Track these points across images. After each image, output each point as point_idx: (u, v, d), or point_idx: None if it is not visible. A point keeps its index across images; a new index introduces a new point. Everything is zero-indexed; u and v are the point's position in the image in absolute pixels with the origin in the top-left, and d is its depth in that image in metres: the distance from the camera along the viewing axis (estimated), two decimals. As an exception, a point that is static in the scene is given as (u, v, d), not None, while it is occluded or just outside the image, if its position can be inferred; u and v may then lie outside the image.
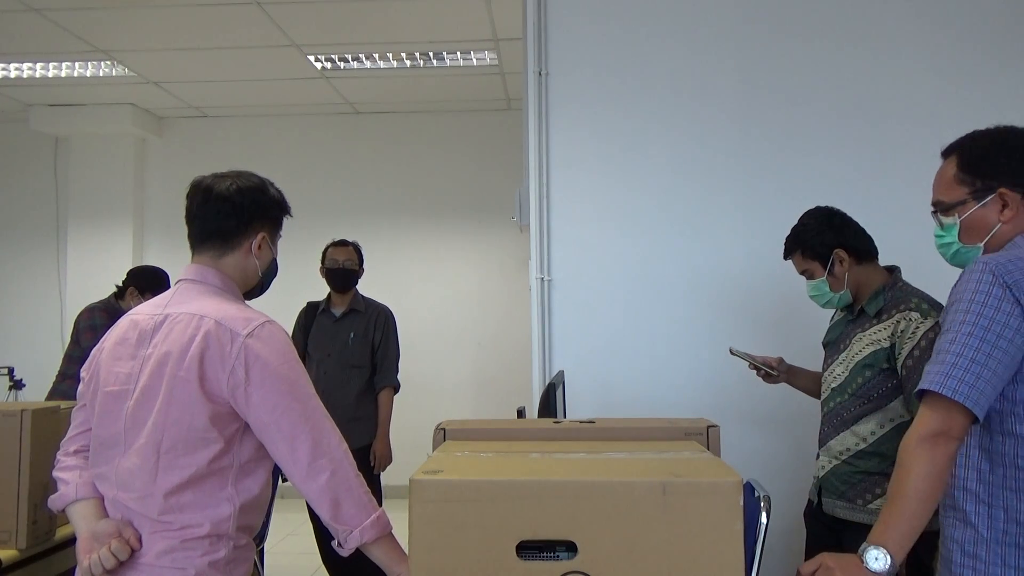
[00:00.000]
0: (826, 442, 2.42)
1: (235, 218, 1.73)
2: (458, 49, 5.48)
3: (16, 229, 7.02)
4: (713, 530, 1.19)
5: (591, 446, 1.51)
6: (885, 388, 2.28)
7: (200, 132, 6.99)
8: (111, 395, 1.66)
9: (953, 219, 1.65)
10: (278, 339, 1.66)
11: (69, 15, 4.86)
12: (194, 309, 1.66)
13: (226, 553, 1.61)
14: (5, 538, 2.18)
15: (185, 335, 1.62)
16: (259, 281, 1.83)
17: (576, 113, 3.20)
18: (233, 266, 1.76)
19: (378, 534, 1.62)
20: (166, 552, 1.58)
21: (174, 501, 1.59)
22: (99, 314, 3.99)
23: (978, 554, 1.48)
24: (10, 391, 5.42)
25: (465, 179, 6.77)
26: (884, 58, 3.15)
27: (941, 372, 1.44)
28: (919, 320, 2.22)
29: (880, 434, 2.29)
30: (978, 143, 1.65)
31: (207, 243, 1.75)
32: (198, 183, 1.76)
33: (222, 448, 1.61)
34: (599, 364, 3.13)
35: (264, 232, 1.78)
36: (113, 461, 1.64)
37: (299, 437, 1.60)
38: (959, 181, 1.64)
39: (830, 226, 2.42)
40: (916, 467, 1.43)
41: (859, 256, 2.40)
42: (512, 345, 6.19)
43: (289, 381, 1.63)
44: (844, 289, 2.41)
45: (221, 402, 1.61)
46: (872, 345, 2.30)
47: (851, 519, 2.32)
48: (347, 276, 3.88)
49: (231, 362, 1.59)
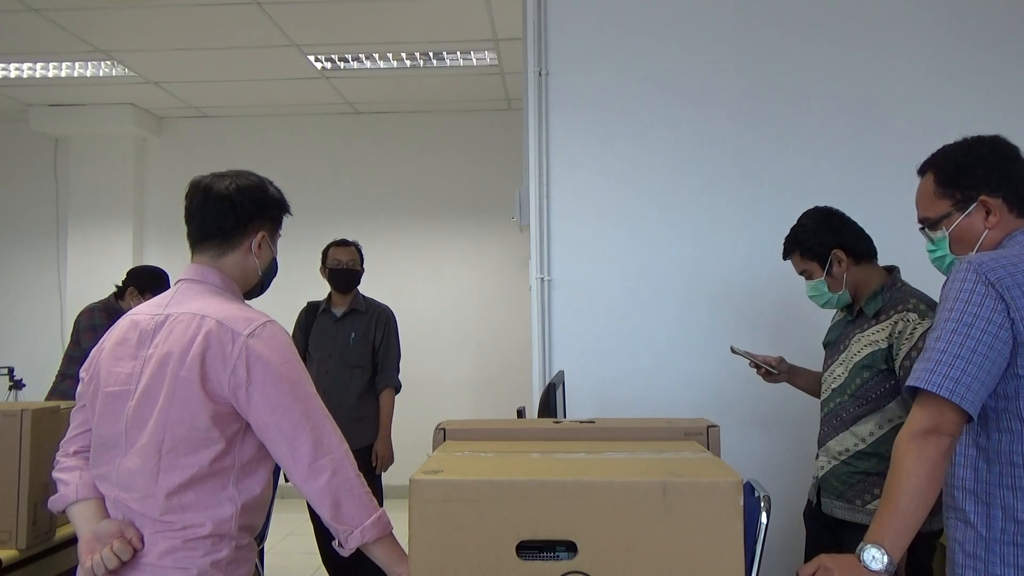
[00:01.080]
0: (825, 442, 2.42)
1: (234, 217, 1.73)
2: (458, 49, 5.48)
3: (16, 229, 7.02)
4: (713, 530, 1.19)
5: (591, 446, 1.51)
6: (883, 389, 2.29)
7: (200, 132, 6.99)
8: (112, 395, 1.66)
9: (942, 232, 1.70)
10: (279, 339, 1.66)
11: (69, 15, 4.86)
12: (195, 309, 1.66)
13: (228, 553, 1.61)
14: (5, 538, 2.18)
15: (186, 335, 1.62)
16: (259, 280, 1.82)
17: (576, 113, 3.20)
18: (233, 265, 1.76)
19: (379, 534, 1.62)
20: (168, 552, 1.58)
21: (175, 501, 1.59)
22: (99, 314, 3.99)
23: (978, 554, 1.48)
24: (10, 391, 5.42)
25: (465, 179, 6.77)
26: (884, 58, 3.15)
27: (926, 369, 1.46)
28: (917, 321, 2.22)
29: (879, 435, 2.29)
30: (950, 157, 1.70)
31: (206, 242, 1.75)
32: (197, 183, 1.76)
33: (223, 448, 1.61)
34: (599, 364, 3.13)
35: (264, 231, 1.78)
36: (114, 461, 1.64)
37: (300, 437, 1.60)
38: (940, 195, 1.69)
39: (828, 227, 2.42)
40: (907, 463, 1.45)
41: (858, 256, 2.40)
42: (512, 345, 6.19)
43: (290, 381, 1.63)
44: (843, 289, 2.41)
45: (222, 402, 1.61)
46: (870, 346, 2.30)
47: (850, 519, 2.32)
48: (350, 276, 3.87)
49: (232, 362, 1.59)
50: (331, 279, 3.88)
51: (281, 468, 1.67)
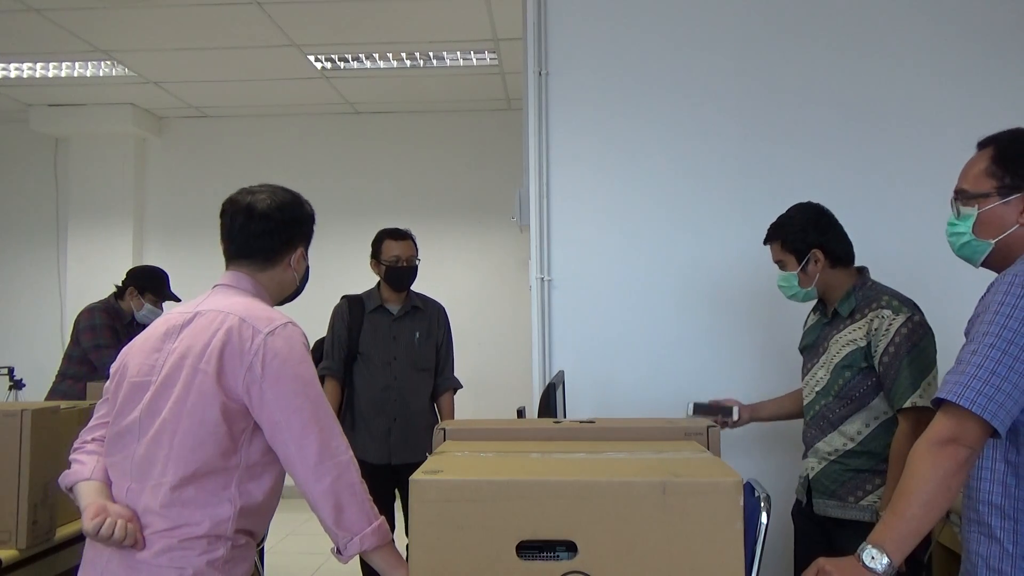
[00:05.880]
0: (814, 444, 2.45)
1: (277, 239, 1.81)
2: (458, 49, 5.48)
3: (16, 229, 7.02)
4: (713, 530, 1.19)
5: (591, 446, 1.51)
6: (866, 387, 2.32)
7: (200, 132, 6.99)
8: (134, 385, 1.69)
9: (972, 210, 1.64)
10: (297, 340, 1.69)
11: (69, 15, 4.86)
12: (222, 307, 1.70)
13: (224, 552, 1.62)
14: (5, 538, 2.18)
15: (209, 330, 1.65)
16: (295, 290, 1.91)
17: (576, 113, 3.19)
18: (270, 279, 1.83)
19: (378, 543, 1.63)
20: (164, 551, 1.58)
21: (177, 495, 1.59)
22: (99, 314, 3.99)
23: (1003, 569, 1.46)
24: (10, 391, 5.42)
25: (465, 179, 6.77)
26: (884, 58, 3.14)
27: (959, 383, 1.42)
28: (891, 317, 2.26)
29: (867, 432, 2.33)
30: (1017, 141, 1.63)
31: (247, 259, 1.81)
32: (236, 201, 1.81)
33: (229, 446, 1.62)
34: (599, 364, 3.13)
35: (301, 247, 1.87)
36: (128, 449, 1.66)
37: (308, 437, 1.61)
38: (989, 174, 1.62)
39: (816, 225, 2.44)
40: (920, 471, 1.43)
41: (835, 260, 2.42)
42: (512, 345, 6.18)
43: (303, 381, 1.65)
44: (812, 287, 2.45)
45: (235, 398, 1.62)
46: (849, 345, 2.34)
47: (844, 517, 2.34)
48: (409, 276, 3.56)
49: (249, 358, 1.62)
50: (389, 279, 3.54)
51: (286, 469, 1.67)
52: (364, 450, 3.30)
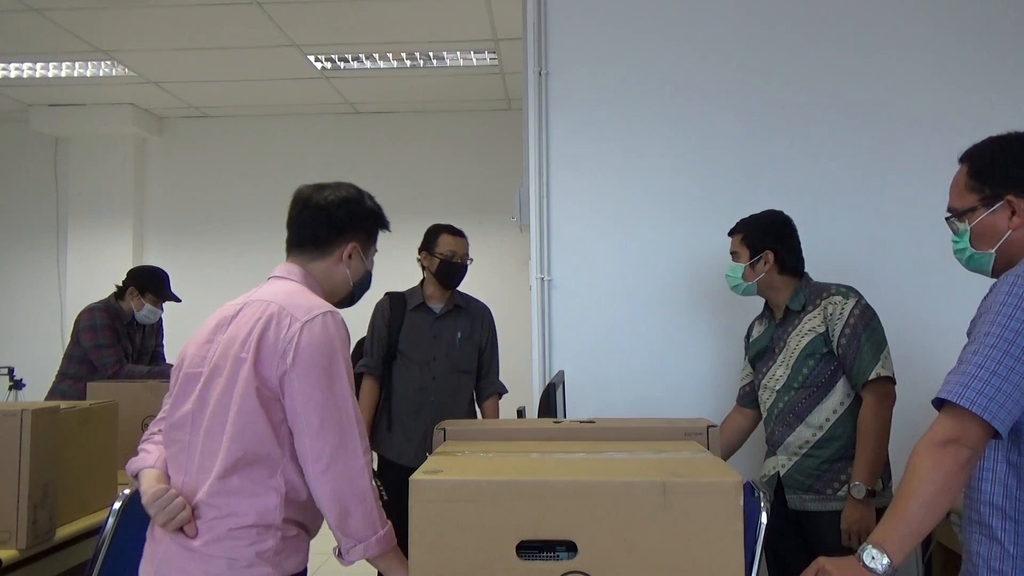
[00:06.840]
0: (782, 441, 2.51)
1: (328, 227, 1.80)
2: (458, 49, 5.48)
3: (16, 229, 7.01)
4: (713, 530, 1.19)
5: (591, 446, 1.51)
6: (828, 373, 2.44)
7: (200, 132, 6.98)
8: (188, 376, 1.71)
9: (965, 225, 1.66)
10: (332, 332, 1.66)
11: (69, 15, 4.86)
12: (267, 296, 1.71)
13: (274, 544, 1.61)
14: (5, 538, 2.17)
15: (252, 319, 1.66)
16: (349, 291, 1.88)
17: (576, 113, 3.19)
18: (321, 271, 1.82)
19: (381, 552, 1.63)
20: (215, 540, 1.58)
21: (223, 484, 1.60)
22: (99, 314, 3.98)
23: (1004, 570, 1.46)
24: (10, 391, 5.42)
25: (465, 179, 6.77)
26: (885, 59, 3.14)
27: (960, 383, 1.43)
28: (843, 302, 2.43)
29: (834, 419, 2.43)
30: (987, 151, 1.65)
31: (301, 248, 1.82)
32: (299, 193, 1.85)
33: (270, 435, 1.62)
34: (599, 364, 3.13)
35: (356, 242, 1.84)
36: (182, 441, 1.67)
37: (324, 436, 1.60)
38: (969, 188, 1.65)
39: (777, 232, 2.58)
40: (922, 471, 1.42)
41: (783, 267, 2.56)
42: (512, 345, 6.18)
43: (330, 376, 1.63)
44: (753, 283, 2.58)
45: (270, 386, 1.62)
46: (809, 334, 2.46)
47: (823, 510, 2.41)
48: (461, 273, 3.49)
49: (283, 346, 1.62)
50: (440, 273, 3.46)
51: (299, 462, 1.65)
52: (400, 452, 3.23)
